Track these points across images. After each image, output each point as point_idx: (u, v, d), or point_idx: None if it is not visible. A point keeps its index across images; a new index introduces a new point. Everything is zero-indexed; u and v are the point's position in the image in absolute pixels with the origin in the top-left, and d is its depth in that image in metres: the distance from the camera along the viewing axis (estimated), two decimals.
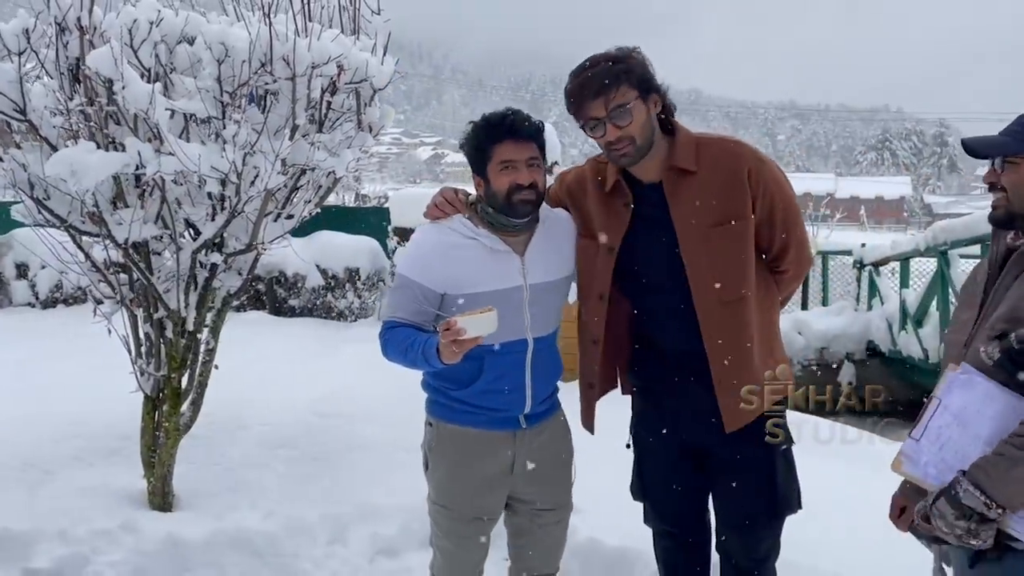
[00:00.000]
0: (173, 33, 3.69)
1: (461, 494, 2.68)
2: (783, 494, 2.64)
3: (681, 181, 2.51)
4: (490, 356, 2.55)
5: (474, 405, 2.62)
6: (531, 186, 2.49)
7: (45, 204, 3.77)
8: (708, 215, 2.48)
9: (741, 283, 2.51)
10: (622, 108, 2.40)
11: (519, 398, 2.62)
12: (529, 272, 2.58)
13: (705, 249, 2.48)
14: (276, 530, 3.70)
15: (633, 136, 2.43)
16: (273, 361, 7.10)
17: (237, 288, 4.24)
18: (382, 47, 3.92)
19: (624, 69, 2.41)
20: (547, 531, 2.80)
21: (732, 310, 2.51)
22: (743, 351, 2.53)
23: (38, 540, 3.41)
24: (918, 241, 9.39)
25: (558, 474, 2.78)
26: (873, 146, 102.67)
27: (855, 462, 4.48)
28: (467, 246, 2.56)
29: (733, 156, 2.52)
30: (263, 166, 3.56)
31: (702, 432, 2.62)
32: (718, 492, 2.71)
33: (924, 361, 9.01)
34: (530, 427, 2.67)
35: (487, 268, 2.55)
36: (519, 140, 2.51)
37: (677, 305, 2.54)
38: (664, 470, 2.75)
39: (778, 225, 2.55)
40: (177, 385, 4.15)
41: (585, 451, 4.34)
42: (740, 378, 2.53)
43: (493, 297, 2.51)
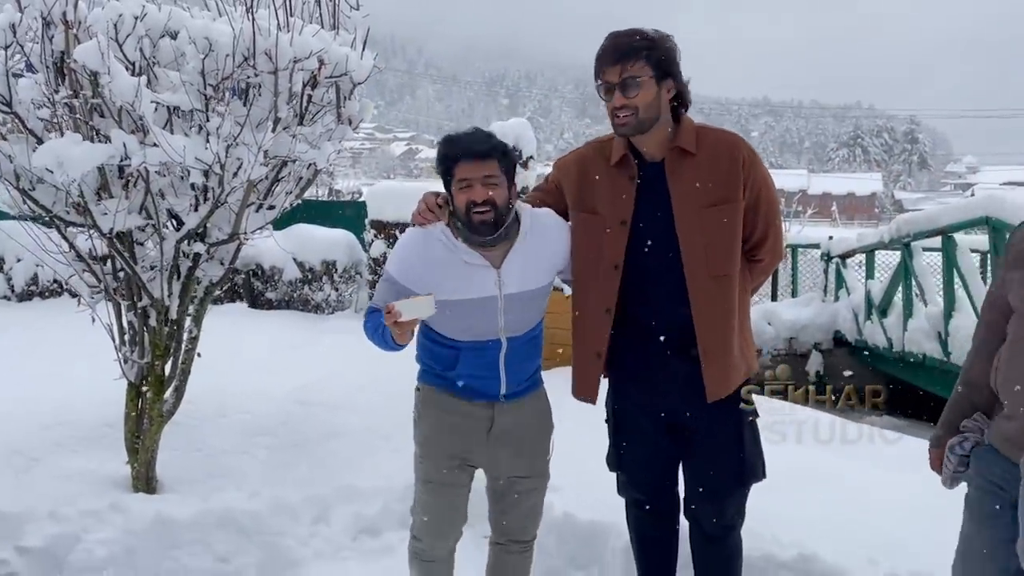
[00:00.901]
0: (156, 27, 3.77)
1: (441, 436, 2.88)
2: (750, 463, 2.83)
3: (682, 161, 2.69)
4: (465, 351, 2.80)
5: (455, 383, 2.85)
6: (485, 202, 2.61)
7: (30, 195, 3.85)
8: (704, 195, 2.67)
9: (729, 262, 2.70)
10: (633, 79, 2.60)
11: (494, 384, 2.83)
12: (505, 284, 2.73)
13: (699, 227, 2.66)
14: (261, 509, 3.81)
15: (637, 107, 2.62)
16: (251, 352, 7.16)
17: (219, 277, 4.33)
18: (361, 42, 4.03)
19: (647, 47, 2.61)
20: (522, 498, 2.96)
21: (719, 285, 2.69)
22: (727, 326, 2.71)
23: (29, 520, 3.49)
24: (882, 234, 9.61)
25: (534, 444, 2.95)
26: (845, 143, 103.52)
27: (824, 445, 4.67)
28: (446, 256, 2.72)
29: (730, 143, 2.72)
30: (246, 158, 3.65)
31: (680, 403, 2.79)
32: (690, 461, 2.88)
33: (888, 350, 9.24)
34: (508, 402, 2.87)
35: (463, 279, 2.71)
36: (475, 159, 2.62)
37: (668, 279, 2.71)
38: (640, 441, 2.91)
39: (761, 214, 2.74)
40: (160, 372, 4.23)
41: (558, 433, 4.49)
42: (723, 350, 2.71)
43: (467, 305, 2.71)
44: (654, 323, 2.77)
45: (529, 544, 3.07)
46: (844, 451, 4.43)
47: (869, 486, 4.09)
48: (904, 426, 7.85)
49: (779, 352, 10.31)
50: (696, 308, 2.69)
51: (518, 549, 3.03)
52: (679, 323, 2.72)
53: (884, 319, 9.36)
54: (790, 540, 3.37)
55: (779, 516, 3.53)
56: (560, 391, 3.03)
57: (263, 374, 6.36)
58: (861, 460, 4.27)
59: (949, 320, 7.93)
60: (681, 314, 2.71)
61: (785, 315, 10.54)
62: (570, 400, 3.02)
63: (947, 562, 3.24)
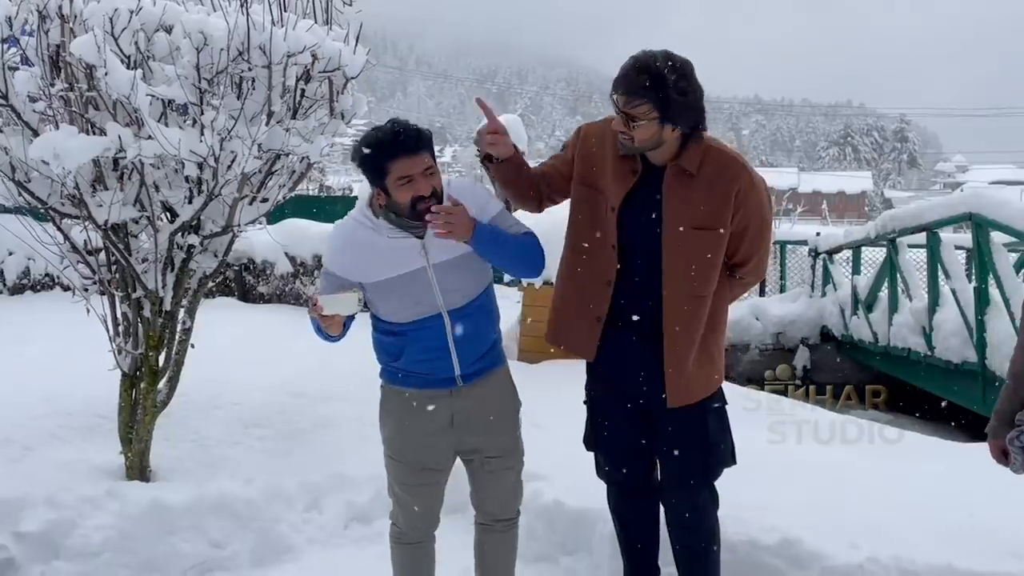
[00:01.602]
0: (152, 21, 3.80)
1: (406, 446, 2.92)
2: (715, 451, 2.91)
3: (680, 179, 2.76)
4: (410, 334, 2.82)
5: (408, 371, 2.87)
6: (432, 195, 2.69)
7: (26, 187, 3.89)
8: (694, 217, 2.74)
9: (706, 284, 2.79)
10: (633, 118, 2.64)
11: (446, 364, 2.82)
12: (431, 253, 2.76)
13: (684, 245, 2.75)
14: (255, 496, 3.87)
15: (633, 137, 2.68)
16: (244, 345, 7.21)
17: (213, 269, 4.38)
18: (354, 37, 4.08)
19: (655, 89, 2.60)
20: (497, 477, 2.99)
21: (693, 304, 2.78)
22: (694, 342, 2.80)
23: (26, 506, 3.54)
24: (869, 230, 9.70)
25: (500, 423, 2.96)
26: (835, 141, 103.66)
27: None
28: (371, 237, 2.78)
29: (731, 174, 2.76)
30: (240, 151, 3.70)
31: (646, 394, 2.89)
32: (658, 448, 2.97)
33: (874, 344, 9.34)
34: (467, 384, 2.86)
35: (388, 256, 2.76)
36: (412, 154, 2.67)
37: (649, 280, 2.79)
38: (614, 422, 3.01)
39: (747, 241, 2.83)
40: (154, 363, 4.27)
41: (547, 424, 4.56)
42: (687, 364, 2.80)
43: (398, 282, 2.76)
44: (630, 315, 2.86)
45: (512, 522, 3.10)
46: (828, 441, 4.52)
47: (851, 473, 4.18)
48: (889, 419, 7.95)
49: (767, 347, 10.41)
50: (667, 322, 2.78)
51: (501, 527, 3.07)
52: (651, 321, 2.81)
53: (870, 314, 9.46)
54: (773, 525, 3.45)
55: (762, 502, 3.61)
56: (550, 383, 3.10)
57: (255, 366, 6.41)
58: (842, 449, 4.36)
59: (933, 315, 8.02)
60: (654, 309, 2.80)
61: (773, 310, 10.64)
62: (559, 389, 3.10)
63: (927, 546, 3.34)
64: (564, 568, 3.71)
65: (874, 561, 3.22)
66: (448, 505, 3.57)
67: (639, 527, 3.14)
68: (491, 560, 3.10)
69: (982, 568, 3.17)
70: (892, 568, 3.21)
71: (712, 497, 2.98)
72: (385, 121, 2.77)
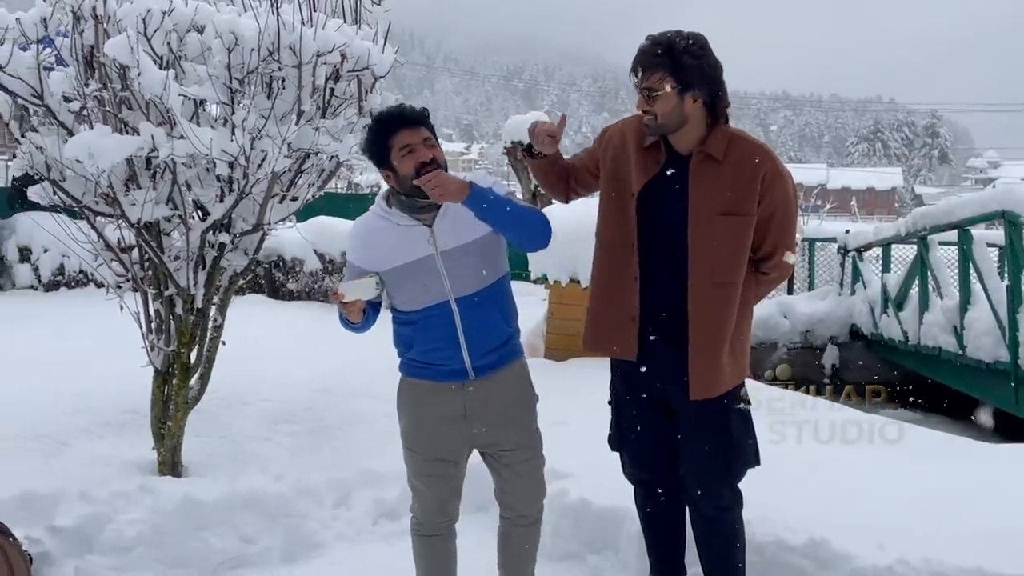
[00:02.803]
0: (184, 22, 3.85)
1: (420, 437, 2.97)
2: (738, 450, 2.89)
3: (706, 165, 2.77)
4: (420, 322, 2.88)
5: (421, 362, 2.93)
6: (432, 161, 2.77)
7: (61, 185, 3.95)
8: (720, 203, 2.74)
9: (733, 271, 2.78)
10: (652, 91, 2.69)
11: (455, 354, 2.86)
12: (439, 240, 2.83)
13: (709, 232, 2.74)
14: (286, 492, 3.92)
15: (656, 115, 2.71)
16: (273, 342, 7.27)
17: (243, 267, 4.42)
18: (382, 36, 4.11)
19: (667, 62, 2.66)
20: (516, 471, 3.00)
21: (719, 292, 2.77)
22: (720, 333, 2.78)
23: (61, 500, 3.60)
24: (899, 227, 9.60)
25: (514, 416, 2.98)
26: (865, 137, 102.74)
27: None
28: (382, 227, 2.90)
29: (757, 159, 2.77)
30: (270, 150, 3.74)
31: (671, 393, 2.88)
32: (681, 445, 2.95)
33: (904, 343, 9.24)
34: (480, 377, 2.89)
35: (399, 244, 2.85)
36: (411, 126, 2.80)
37: (672, 270, 2.79)
38: (637, 421, 3.01)
39: (772, 231, 2.81)
40: (186, 360, 4.33)
41: (573, 421, 4.56)
42: (712, 354, 2.78)
43: (407, 269, 2.84)
44: (654, 309, 2.86)
45: (535, 519, 3.10)
46: (857, 441, 4.49)
47: (880, 473, 4.14)
48: (920, 419, 7.88)
49: (795, 345, 10.33)
50: (693, 310, 2.77)
51: (524, 523, 3.08)
52: (676, 316, 2.80)
53: (900, 312, 9.35)
54: (800, 525, 3.43)
55: (789, 502, 3.59)
56: (576, 381, 3.10)
57: (285, 362, 6.47)
58: (871, 449, 4.32)
59: (965, 313, 7.93)
60: (678, 303, 2.79)
61: (801, 308, 10.55)
62: (585, 387, 3.10)
63: (957, 549, 3.31)
64: (591, 567, 3.71)
65: (904, 563, 3.20)
66: (473, 503, 3.61)
67: (664, 527, 3.14)
68: (514, 553, 3.11)
69: (1014, 571, 3.13)
70: (922, 570, 3.18)
71: (736, 498, 2.97)
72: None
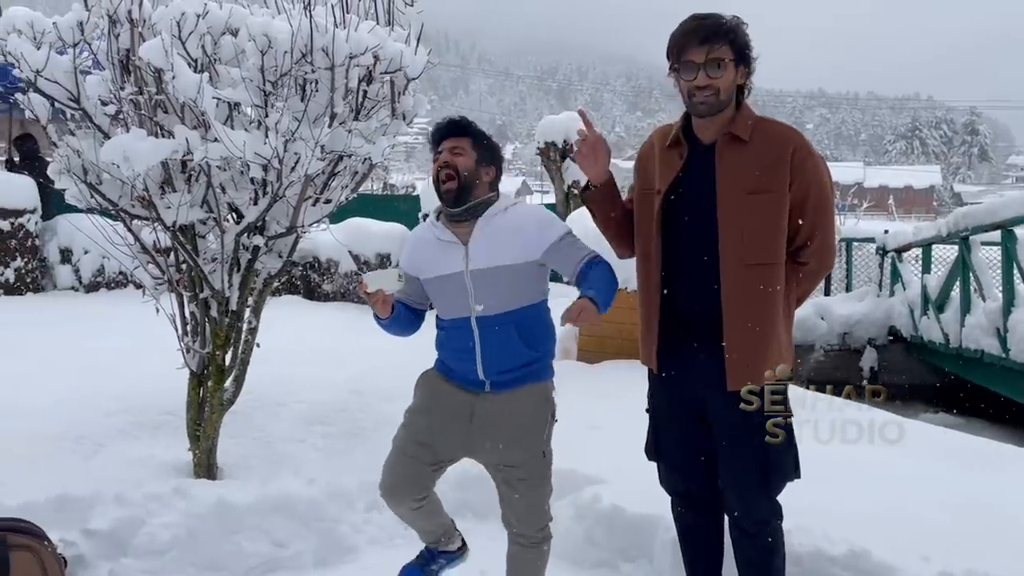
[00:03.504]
0: (218, 25, 3.85)
1: (421, 420, 3.05)
2: (776, 461, 2.78)
3: (732, 147, 2.73)
4: (448, 328, 3.02)
5: (447, 366, 3.07)
6: (447, 165, 2.92)
7: (98, 189, 3.98)
8: (748, 182, 2.69)
9: (767, 251, 2.69)
10: (719, 61, 2.66)
11: (471, 366, 2.96)
12: (471, 259, 2.92)
13: (739, 211, 2.68)
14: (318, 496, 3.90)
15: (719, 88, 2.69)
16: (308, 343, 7.29)
17: (278, 270, 4.42)
18: (415, 37, 4.09)
19: (731, 30, 2.70)
20: (515, 489, 2.98)
21: (753, 274, 2.69)
22: (756, 315, 2.70)
23: (96, 503, 3.61)
24: (940, 227, 9.42)
25: (521, 435, 2.96)
26: (903, 135, 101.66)
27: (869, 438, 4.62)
28: (429, 239, 3.05)
29: (784, 136, 2.75)
30: (303, 152, 3.73)
31: (704, 395, 2.80)
32: (719, 455, 2.86)
33: (945, 345, 9.06)
34: (495, 391, 2.97)
35: (437, 257, 2.99)
36: (450, 136, 2.98)
37: (702, 262, 2.72)
38: (675, 431, 2.93)
39: (808, 213, 2.72)
40: (221, 362, 4.33)
41: (606, 425, 4.51)
42: (748, 338, 2.70)
43: (440, 281, 2.99)
44: (682, 307, 2.79)
45: (537, 541, 3.05)
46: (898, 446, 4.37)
47: (921, 481, 4.04)
48: (961, 423, 7.74)
49: (832, 348, 10.16)
50: (726, 293, 2.70)
51: (523, 542, 3.05)
52: (709, 309, 2.73)
53: (941, 314, 9.18)
54: (840, 536, 3.35)
55: (828, 511, 3.52)
56: (610, 383, 3.06)
57: (320, 364, 6.49)
58: (912, 454, 4.21)
59: (1008, 316, 7.76)
60: (712, 300, 2.72)
61: (838, 310, 10.38)
62: (618, 390, 3.05)
63: (1002, 559, 3.22)
64: (624, 575, 3.66)
65: (948, 575, 3.11)
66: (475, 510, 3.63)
67: (702, 539, 3.06)
68: (515, 570, 3.10)
69: None
70: None
71: (775, 510, 2.87)
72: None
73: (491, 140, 3.03)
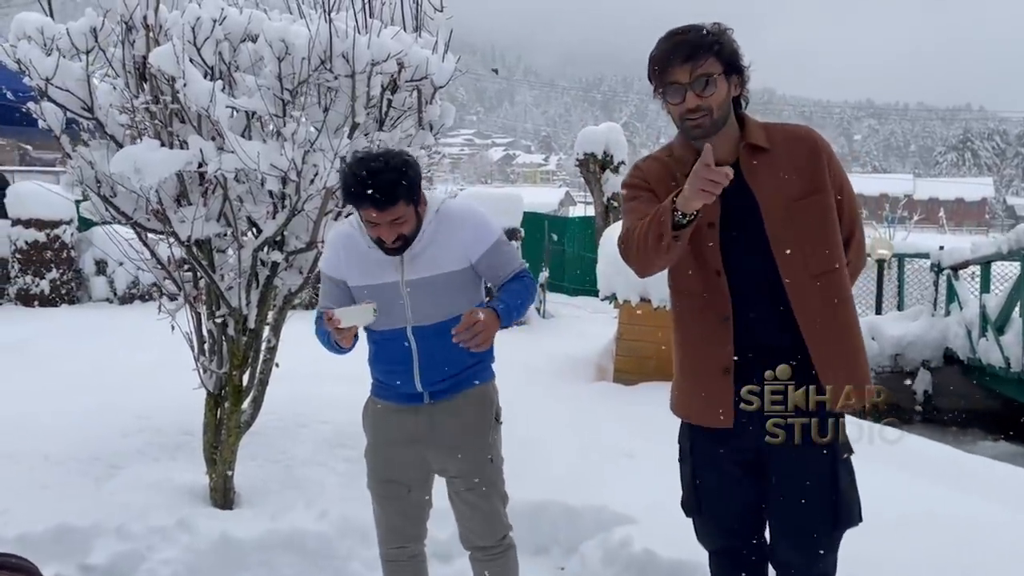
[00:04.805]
0: (237, 31, 3.70)
1: (376, 458, 2.97)
2: (845, 505, 2.48)
3: (757, 157, 2.46)
4: (380, 342, 2.86)
5: (382, 381, 2.93)
6: (396, 240, 2.68)
7: (111, 201, 3.83)
8: (790, 188, 2.42)
9: (831, 256, 2.42)
10: (706, 78, 2.37)
11: (407, 379, 2.82)
12: (407, 269, 2.75)
13: (790, 222, 2.40)
14: (329, 531, 3.68)
15: (711, 108, 2.39)
16: (332, 358, 7.11)
17: (298, 287, 4.25)
18: (444, 44, 3.88)
19: (715, 41, 2.40)
20: (465, 499, 2.89)
21: (824, 284, 2.41)
22: (843, 324, 2.43)
23: (96, 536, 3.43)
24: (1000, 243, 9.00)
25: (463, 441, 2.86)
26: (954, 146, 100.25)
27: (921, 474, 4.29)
28: (357, 242, 2.81)
29: (805, 135, 2.50)
30: (322, 164, 3.55)
31: (762, 438, 2.48)
32: (776, 501, 2.54)
33: (1006, 370, 8.60)
34: (435, 401, 2.84)
35: (368, 264, 2.79)
36: (380, 208, 2.60)
37: (762, 289, 2.43)
38: (719, 482, 2.59)
39: (845, 207, 2.49)
40: (239, 383, 4.17)
41: (640, 453, 4.22)
42: (843, 350, 2.43)
43: (372, 291, 2.77)
44: (751, 344, 2.48)
45: (498, 553, 2.93)
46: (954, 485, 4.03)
47: (983, 526, 3.68)
48: (1022, 453, 7.33)
49: (883, 370, 9.68)
50: (799, 311, 2.39)
51: (482, 556, 2.94)
52: (774, 337, 2.43)
53: (1001, 336, 8.72)
54: None
55: (881, 561, 3.20)
56: (647, 407, 2.78)
57: (344, 381, 6.24)
58: (973, 495, 3.87)
59: None
60: (783, 327, 2.42)
61: (890, 330, 9.92)
62: (655, 415, 2.77)
63: None
64: None
65: None
66: None
67: None
68: None
69: None
70: None
71: (834, 563, 2.54)
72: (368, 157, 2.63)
73: (413, 176, 2.64)
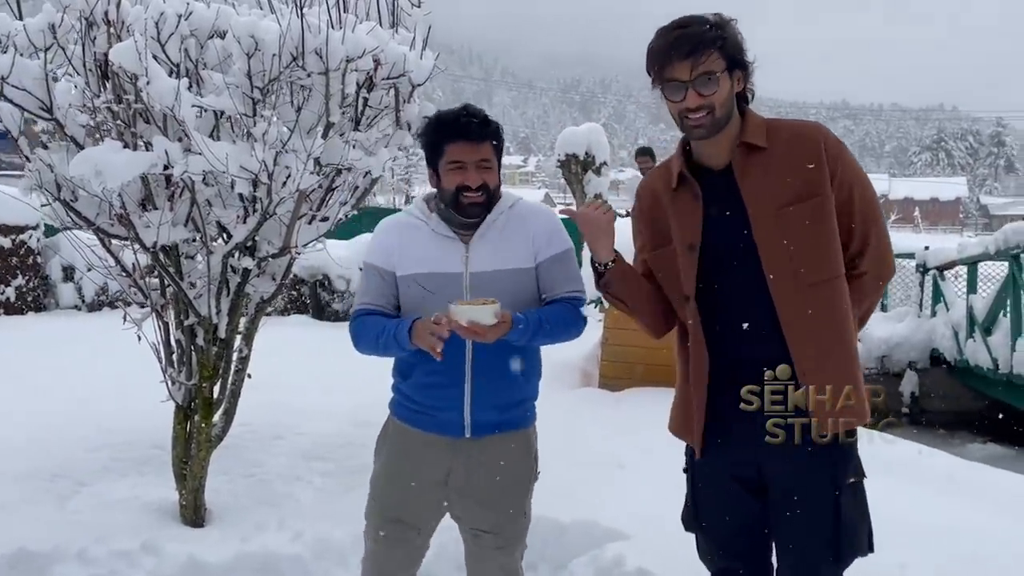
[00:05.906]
0: (204, 27, 3.52)
1: (391, 491, 2.63)
2: (849, 536, 2.31)
3: (751, 158, 2.28)
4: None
5: (416, 401, 2.57)
6: (480, 188, 2.48)
7: (72, 206, 3.63)
8: (781, 193, 2.24)
9: (824, 265, 2.24)
10: (709, 75, 2.21)
11: (456, 395, 2.50)
12: (472, 260, 2.52)
13: (779, 231, 2.23)
14: (304, 553, 3.47)
15: (714, 106, 2.22)
16: (313, 367, 6.97)
17: (271, 294, 4.07)
18: (422, 40, 3.71)
19: (719, 36, 2.23)
20: (487, 555, 2.65)
21: (816, 294, 2.24)
22: (835, 338, 2.25)
23: (56, 561, 3.22)
24: (987, 244, 8.91)
25: (500, 498, 2.59)
26: (928, 146, 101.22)
27: (922, 483, 4.15)
28: (417, 227, 2.58)
29: (808, 133, 2.31)
30: (295, 166, 3.37)
31: (762, 457, 2.34)
32: (776, 528, 2.39)
33: (994, 371, 8.53)
34: (475, 437, 2.53)
35: (431, 250, 2.54)
36: (471, 141, 2.47)
37: (753, 302, 2.27)
38: (721, 500, 2.44)
39: (856, 212, 2.29)
40: (209, 395, 3.99)
41: (631, 463, 4.07)
42: (833, 367, 2.25)
43: (432, 279, 2.51)
44: (734, 357, 2.33)
45: None
46: (962, 497, 3.89)
47: (994, 539, 3.55)
48: (1011, 455, 7.25)
49: (870, 372, 9.58)
50: (786, 323, 2.23)
51: None
52: (765, 354, 2.27)
53: (989, 337, 8.65)
54: None
55: None
56: (635, 414, 2.62)
57: (323, 391, 6.14)
58: (983, 507, 3.74)
59: None
60: (769, 341, 2.26)
61: (876, 331, 9.80)
62: (643, 421, 2.61)
63: None
64: None
65: None
66: None
67: None
68: None
69: None
70: None
71: None
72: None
73: (501, 132, 2.55)
